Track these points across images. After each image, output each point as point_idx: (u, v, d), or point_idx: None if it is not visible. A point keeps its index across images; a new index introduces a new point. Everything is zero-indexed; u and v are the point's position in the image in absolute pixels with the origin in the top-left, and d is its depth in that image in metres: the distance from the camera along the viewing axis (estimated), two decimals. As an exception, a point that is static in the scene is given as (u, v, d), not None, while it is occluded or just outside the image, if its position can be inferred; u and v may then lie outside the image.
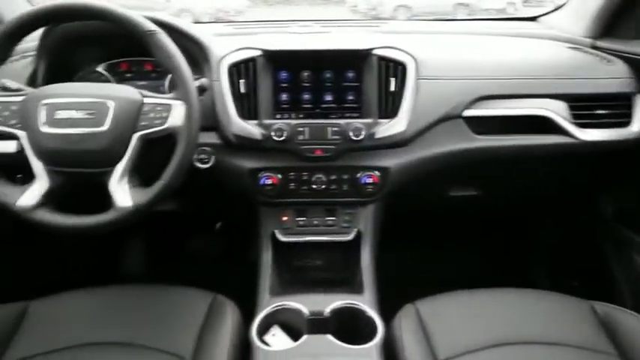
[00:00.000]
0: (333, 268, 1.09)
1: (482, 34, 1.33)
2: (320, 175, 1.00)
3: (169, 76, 1.09)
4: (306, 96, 0.98)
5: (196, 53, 1.00)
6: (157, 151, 0.83)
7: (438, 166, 1.03)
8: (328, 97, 0.98)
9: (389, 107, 0.97)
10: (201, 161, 0.97)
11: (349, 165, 1.00)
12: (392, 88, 0.97)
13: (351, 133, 0.94)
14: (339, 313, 0.88)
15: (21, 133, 0.77)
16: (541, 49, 1.20)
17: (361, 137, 0.94)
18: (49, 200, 0.78)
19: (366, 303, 0.90)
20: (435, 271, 1.38)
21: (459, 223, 1.56)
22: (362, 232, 1.04)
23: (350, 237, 1.03)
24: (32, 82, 0.99)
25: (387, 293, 0.99)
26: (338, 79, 0.98)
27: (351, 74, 0.97)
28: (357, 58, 0.97)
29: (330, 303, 0.89)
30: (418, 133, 0.98)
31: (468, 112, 0.99)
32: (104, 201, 0.78)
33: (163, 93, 0.82)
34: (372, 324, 0.86)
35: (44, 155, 0.77)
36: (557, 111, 1.00)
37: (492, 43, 1.25)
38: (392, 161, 1.00)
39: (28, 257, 1.29)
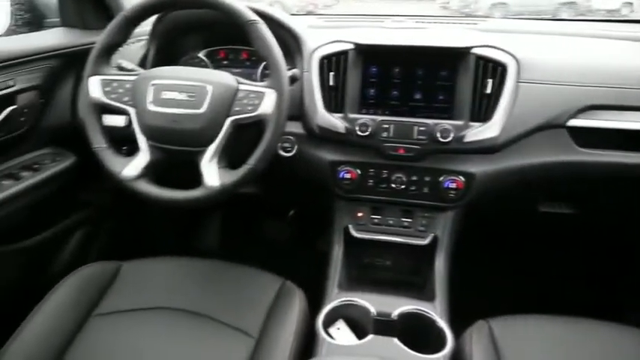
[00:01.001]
0: (403, 271, 1.07)
1: (592, 36, 1.20)
2: (400, 175, 0.97)
3: (262, 65, 1.13)
4: (395, 92, 0.96)
5: (291, 44, 1.02)
6: (244, 136, 0.87)
7: (530, 178, 0.96)
8: (417, 96, 0.95)
9: (482, 110, 0.91)
10: (285, 149, 1.00)
11: (432, 167, 0.96)
12: (488, 90, 0.91)
13: (438, 134, 0.91)
14: (406, 317, 0.86)
15: (131, 110, 0.84)
16: None
17: (449, 139, 0.90)
18: (148, 173, 0.84)
19: (436, 312, 0.87)
20: (512, 289, 1.29)
21: (545, 240, 1.43)
22: (439, 237, 1.00)
23: (425, 241, 1.00)
24: (143, 63, 1.08)
25: (456, 304, 0.94)
26: (430, 78, 0.94)
27: (444, 73, 0.93)
28: (454, 57, 0.92)
29: (399, 306, 0.87)
30: (512, 140, 0.92)
31: (573, 122, 0.90)
32: (194, 178, 0.83)
33: (255, 81, 0.85)
34: (442, 335, 0.82)
35: (148, 131, 0.83)
36: None
37: (605, 46, 1.12)
38: (479, 168, 0.95)
39: (123, 224, 1.43)
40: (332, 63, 0.97)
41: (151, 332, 0.81)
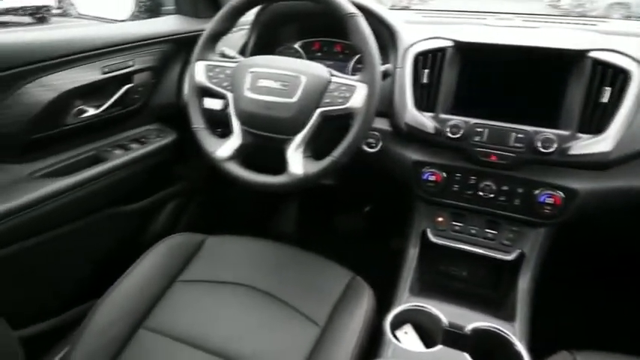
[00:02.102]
0: (480, 284, 1.01)
1: None
2: (489, 183, 0.91)
3: (355, 58, 1.12)
4: (492, 95, 0.90)
5: (386, 39, 1.00)
6: (331, 128, 0.87)
7: None
8: (519, 99, 0.88)
9: (594, 121, 0.82)
10: (369, 145, 0.99)
11: (527, 178, 0.89)
12: (604, 98, 0.81)
13: (538, 144, 0.83)
14: (480, 333, 0.81)
15: (229, 94, 0.88)
16: None
17: (551, 150, 0.82)
18: (239, 155, 0.88)
19: (515, 334, 0.81)
20: (604, 321, 1.16)
21: None
22: (525, 254, 0.92)
23: (510, 257, 0.93)
24: (243, 51, 1.14)
25: (537, 328, 0.87)
26: (536, 81, 0.87)
27: (554, 77, 0.85)
28: (567, 60, 0.84)
29: (473, 320, 0.82)
30: (627, 158, 0.81)
31: None
32: (278, 165, 0.86)
33: (346, 74, 0.84)
34: (518, 359, 0.76)
35: (242, 116, 0.87)
36: None
37: None
38: (583, 184, 0.85)
39: (209, 200, 1.53)
40: (427, 60, 0.94)
41: (225, 304, 0.85)
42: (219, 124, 1.04)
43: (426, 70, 0.93)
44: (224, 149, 0.88)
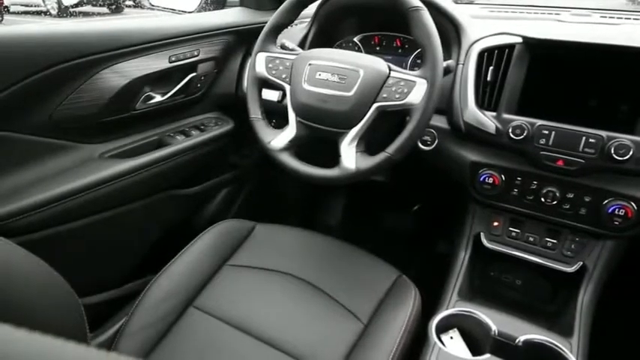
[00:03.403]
0: (536, 295, 0.96)
1: None
2: (553, 189, 0.86)
3: (414, 53, 1.10)
4: (562, 96, 0.84)
5: (450, 33, 0.97)
6: (386, 123, 0.86)
7: None
8: (592, 102, 0.82)
9: None
10: (424, 143, 0.96)
11: (596, 187, 0.83)
12: None
13: (612, 150, 0.77)
14: (533, 346, 0.77)
15: (287, 86, 0.89)
16: None
17: (626, 158, 0.76)
18: (293, 147, 0.90)
19: (572, 350, 0.76)
20: None
21: None
22: (588, 267, 0.86)
23: (571, 269, 0.87)
24: (302, 44, 1.15)
25: (595, 346, 0.81)
26: (613, 83, 0.80)
27: (633, 78, 0.78)
28: None
29: (525, 332, 0.78)
30: None
31: None
32: (331, 158, 0.86)
33: (405, 69, 0.83)
34: None
35: (298, 108, 0.88)
36: None
37: None
38: None
39: (261, 188, 1.56)
40: (493, 57, 0.89)
41: (271, 291, 0.87)
42: (275, 115, 1.06)
43: (491, 67, 0.89)
44: (279, 140, 0.89)
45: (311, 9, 1.15)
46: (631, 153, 0.76)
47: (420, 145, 0.97)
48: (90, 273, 1.02)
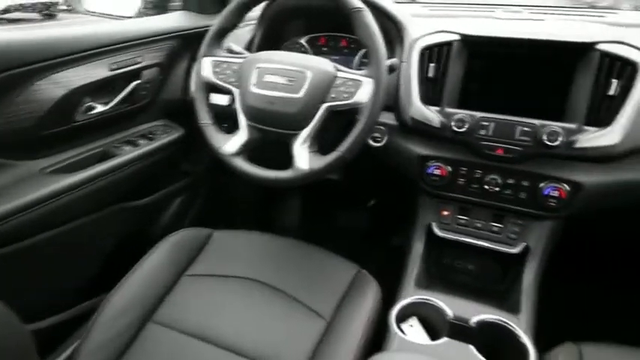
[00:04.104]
0: (486, 277, 1.01)
1: None
2: (495, 177, 0.91)
3: (360, 53, 1.12)
4: (499, 88, 0.90)
5: (392, 33, 1.00)
6: (336, 122, 0.87)
7: None
8: (525, 93, 0.88)
9: (602, 114, 0.82)
10: (375, 139, 0.99)
11: (532, 171, 0.89)
12: (611, 91, 0.81)
13: (544, 137, 0.83)
14: (485, 326, 0.81)
15: (235, 90, 0.89)
16: None
17: (557, 143, 0.82)
18: (245, 151, 0.89)
19: (520, 326, 0.81)
20: (610, 314, 1.16)
21: None
22: (531, 247, 0.93)
23: (515, 250, 0.93)
24: (249, 47, 1.14)
25: (542, 320, 0.87)
26: (543, 74, 0.86)
27: (561, 70, 0.85)
28: (575, 53, 0.83)
29: (478, 313, 0.83)
30: (634, 151, 0.81)
31: None
32: (284, 160, 0.86)
33: (352, 69, 0.85)
34: (524, 351, 0.77)
35: (248, 111, 0.87)
36: None
37: None
38: (589, 177, 0.85)
39: (215, 195, 1.54)
40: (433, 54, 0.93)
41: (232, 298, 0.86)
42: (225, 120, 1.05)
43: (432, 64, 0.93)
44: (231, 145, 0.89)
45: (256, 12, 1.15)
46: (561, 139, 0.82)
47: (370, 141, 0.99)
48: (37, 296, 0.96)
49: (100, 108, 1.02)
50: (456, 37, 0.91)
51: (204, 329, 0.79)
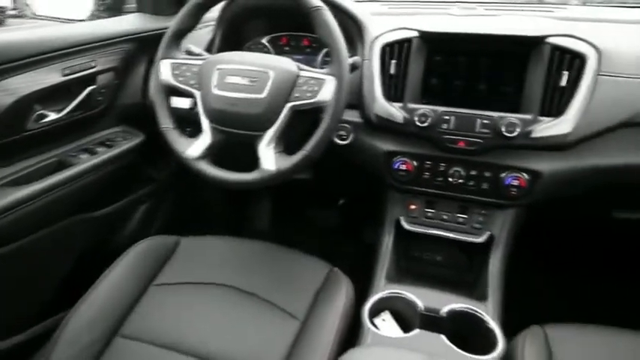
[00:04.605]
0: (454, 268, 1.04)
1: None
2: (458, 169, 0.94)
3: (323, 52, 1.13)
4: (458, 83, 0.92)
5: (353, 31, 1.01)
6: (302, 122, 0.87)
7: (606, 181, 0.88)
8: (483, 87, 0.91)
9: (554, 104, 0.85)
10: (341, 137, 1.00)
11: (494, 163, 0.92)
12: (562, 82, 0.85)
13: (503, 128, 0.86)
14: (455, 315, 0.83)
15: (196, 93, 0.87)
16: None
17: (514, 134, 0.85)
18: (209, 154, 0.88)
19: (488, 312, 0.84)
20: (572, 297, 1.21)
21: (616, 248, 1.33)
22: (495, 236, 0.96)
23: (481, 239, 0.96)
24: (210, 48, 1.12)
25: (509, 306, 0.90)
26: (498, 68, 0.89)
27: (514, 63, 0.88)
28: (526, 47, 0.87)
29: (448, 303, 0.85)
30: (586, 138, 0.85)
31: None
32: (251, 162, 0.85)
33: (315, 68, 0.85)
34: (492, 336, 0.79)
35: (211, 114, 0.86)
36: None
37: None
38: (546, 165, 0.89)
39: (182, 201, 1.50)
40: (394, 51, 0.95)
41: (203, 305, 0.85)
42: (188, 123, 1.02)
43: (393, 61, 0.94)
44: (194, 148, 0.87)
45: (215, 12, 1.13)
46: (519, 130, 0.85)
47: (336, 140, 1.00)
48: None
49: (53, 115, 0.98)
50: (415, 34, 0.93)
51: (175, 339, 0.77)
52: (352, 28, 1.01)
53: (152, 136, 1.16)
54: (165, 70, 0.90)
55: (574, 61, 0.84)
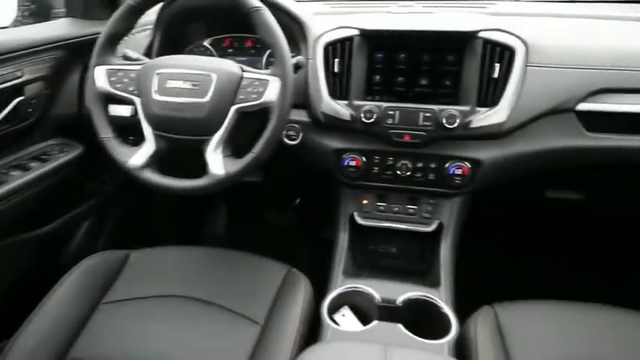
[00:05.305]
0: (408, 258, 1.07)
1: (606, 17, 1.17)
2: (406, 162, 0.97)
3: (267, 52, 1.12)
4: (400, 78, 0.95)
5: (295, 31, 1.01)
6: (249, 124, 0.86)
7: (537, 164, 0.95)
8: (423, 81, 0.94)
9: (489, 95, 0.90)
10: (290, 137, 1.00)
11: (438, 154, 0.95)
12: (495, 74, 0.89)
13: (444, 120, 0.90)
14: (411, 303, 0.86)
15: (136, 99, 0.84)
16: None
17: (455, 125, 0.89)
18: (154, 162, 0.85)
19: (441, 298, 0.87)
20: (518, 276, 1.29)
21: (552, 226, 1.42)
22: (444, 224, 1.00)
23: (430, 228, 1.00)
24: (148, 52, 1.08)
25: (461, 291, 0.95)
26: (436, 63, 0.93)
27: (451, 58, 0.92)
28: (460, 41, 0.91)
29: (403, 292, 0.87)
30: (519, 126, 0.90)
31: (582, 106, 0.89)
32: (200, 167, 0.83)
33: (260, 69, 0.84)
34: (446, 320, 0.83)
35: (153, 120, 0.83)
36: None
37: (616, 28, 1.08)
38: (485, 154, 0.94)
39: (130, 213, 1.44)
40: (337, 49, 0.96)
41: (158, 320, 0.82)
42: (131, 132, 0.98)
43: (337, 60, 0.96)
44: (137, 157, 0.84)
45: (152, 15, 1.09)
46: (458, 121, 0.89)
47: (286, 140, 1.00)
48: None
49: (-24, 131, 0.90)
50: (356, 32, 0.95)
51: (130, 358, 0.74)
52: (294, 27, 1.01)
53: (92, 147, 1.10)
54: (100, 77, 0.86)
55: (504, 54, 0.90)
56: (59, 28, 1.13)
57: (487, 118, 0.89)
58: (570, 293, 0.85)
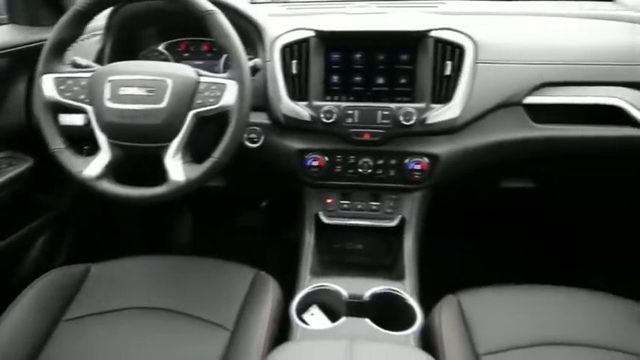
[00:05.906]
0: (374, 254, 1.09)
1: (549, 14, 1.24)
2: (367, 160, 0.99)
3: (224, 56, 1.11)
4: (358, 78, 0.97)
5: (251, 33, 1.01)
6: (209, 128, 0.86)
7: (492, 156, 0.99)
8: (380, 80, 0.96)
9: (443, 92, 0.93)
10: (251, 140, 0.99)
11: (397, 150, 0.98)
12: (447, 72, 0.93)
13: (401, 118, 0.92)
14: (378, 298, 0.88)
15: (88, 108, 0.82)
16: (616, 31, 1.10)
17: (412, 122, 0.92)
18: (110, 172, 0.83)
19: (406, 290, 0.89)
20: (479, 264, 1.34)
21: (508, 215, 1.49)
22: (406, 218, 1.02)
23: (393, 223, 1.02)
24: (99, 59, 1.05)
25: (427, 282, 0.98)
26: (391, 62, 0.95)
27: (405, 57, 0.94)
28: (413, 40, 0.94)
29: (370, 287, 0.89)
30: (472, 120, 0.94)
31: (529, 100, 0.94)
32: (159, 175, 0.82)
33: (218, 73, 0.83)
34: (411, 312, 0.85)
35: (107, 129, 0.81)
36: (631, 101, 0.92)
37: (560, 24, 1.15)
38: (442, 148, 0.97)
39: (90, 226, 1.39)
40: (294, 51, 0.97)
41: (123, 334, 0.80)
42: (84, 141, 0.95)
43: (294, 61, 0.96)
44: (92, 168, 0.82)
45: (102, 20, 1.05)
46: (415, 118, 0.92)
47: (247, 143, 0.99)
48: None
49: None
50: (312, 33, 0.96)
51: None
52: (250, 30, 1.01)
53: (43, 159, 1.06)
54: (48, 86, 0.83)
55: (455, 52, 0.93)
56: (1, 35, 1.07)
57: (442, 114, 0.92)
58: (527, 277, 0.90)
